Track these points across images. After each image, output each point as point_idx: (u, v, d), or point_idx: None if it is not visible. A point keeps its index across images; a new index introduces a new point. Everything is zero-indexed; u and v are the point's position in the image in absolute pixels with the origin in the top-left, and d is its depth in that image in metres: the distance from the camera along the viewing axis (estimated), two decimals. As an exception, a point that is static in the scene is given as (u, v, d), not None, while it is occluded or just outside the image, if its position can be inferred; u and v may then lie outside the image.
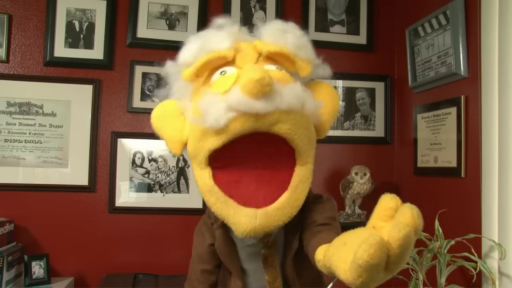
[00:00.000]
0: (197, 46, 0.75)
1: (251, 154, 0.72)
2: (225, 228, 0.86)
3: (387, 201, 0.57)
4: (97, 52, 1.92)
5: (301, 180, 0.74)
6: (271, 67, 0.73)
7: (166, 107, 0.82)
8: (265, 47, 0.73)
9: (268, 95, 0.64)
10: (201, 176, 0.75)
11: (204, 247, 0.92)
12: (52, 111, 1.88)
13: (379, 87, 2.14)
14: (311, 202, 0.85)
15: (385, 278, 0.55)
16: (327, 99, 0.82)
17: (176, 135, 0.79)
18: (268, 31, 0.76)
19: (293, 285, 0.87)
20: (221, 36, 0.74)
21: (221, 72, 0.73)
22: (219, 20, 0.80)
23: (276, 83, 0.66)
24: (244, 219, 0.69)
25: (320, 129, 0.81)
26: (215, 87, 0.72)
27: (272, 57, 0.75)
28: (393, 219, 0.55)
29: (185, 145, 0.79)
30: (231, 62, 0.74)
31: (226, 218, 0.72)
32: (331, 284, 0.64)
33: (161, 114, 0.82)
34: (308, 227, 0.81)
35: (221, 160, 0.73)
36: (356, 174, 1.88)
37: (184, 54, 0.77)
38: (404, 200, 0.60)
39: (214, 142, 0.70)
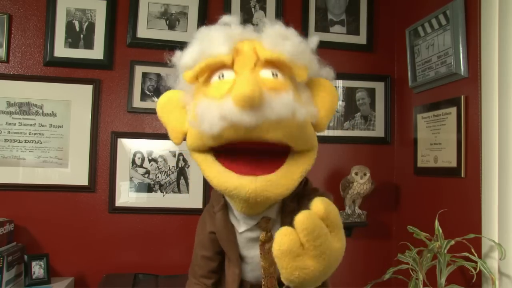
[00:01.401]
0: (198, 50, 0.77)
1: (249, 143, 0.76)
2: (225, 212, 0.91)
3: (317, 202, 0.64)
4: (97, 52, 1.92)
5: (295, 160, 0.78)
6: (267, 73, 0.75)
7: (170, 97, 0.87)
8: (263, 53, 0.75)
9: (258, 108, 0.67)
10: (202, 157, 0.80)
11: (205, 234, 0.95)
12: (52, 111, 1.88)
13: (379, 87, 2.14)
14: (309, 193, 0.89)
15: (317, 267, 0.60)
16: (324, 95, 0.85)
17: (178, 126, 0.84)
18: (268, 36, 0.77)
19: None
20: (221, 40, 0.76)
21: (219, 76, 0.76)
22: (225, 18, 0.83)
23: (267, 94, 0.69)
24: (245, 181, 0.73)
25: (318, 124, 0.83)
26: (212, 91, 0.75)
27: (269, 62, 0.77)
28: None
29: (185, 135, 0.84)
30: (230, 65, 0.76)
31: (227, 185, 0.75)
32: None
33: (166, 104, 0.86)
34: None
35: (221, 146, 0.77)
36: (356, 174, 1.88)
37: (185, 58, 0.80)
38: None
39: (211, 143, 0.76)
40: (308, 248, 0.59)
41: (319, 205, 0.61)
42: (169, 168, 1.95)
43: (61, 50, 1.90)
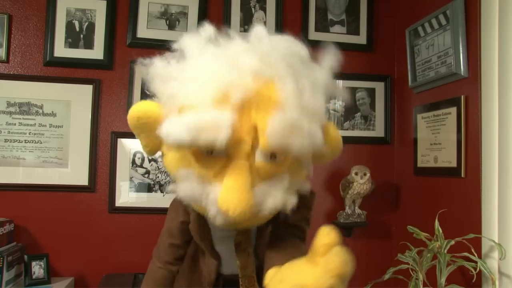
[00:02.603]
0: (189, 128, 0.63)
1: None
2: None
3: (323, 237, 0.62)
4: (97, 52, 1.92)
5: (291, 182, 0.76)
6: (264, 158, 0.68)
7: (146, 112, 0.75)
8: (264, 146, 0.65)
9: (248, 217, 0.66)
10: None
11: (176, 223, 0.94)
12: (52, 111, 1.88)
13: (379, 87, 2.14)
14: (284, 218, 0.88)
15: None
16: (330, 141, 0.79)
17: (152, 145, 0.80)
18: (273, 128, 0.64)
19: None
20: (220, 124, 0.63)
21: (208, 153, 0.67)
22: (231, 44, 0.72)
23: (260, 190, 0.67)
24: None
25: (317, 161, 0.81)
26: (199, 164, 0.69)
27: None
28: (323, 262, 0.61)
29: (159, 149, 0.81)
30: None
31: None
32: None
33: (140, 118, 0.75)
34: (278, 225, 0.86)
35: None
36: (356, 174, 1.88)
37: (174, 131, 0.65)
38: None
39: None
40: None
41: (343, 267, 0.65)
42: (169, 168, 1.95)
43: (61, 50, 1.90)
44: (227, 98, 0.64)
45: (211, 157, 0.67)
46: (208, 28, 0.75)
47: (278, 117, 0.64)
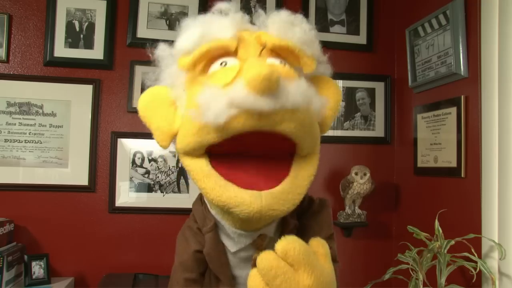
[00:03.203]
0: (198, 33, 0.68)
1: (250, 143, 0.67)
2: (216, 232, 0.81)
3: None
4: (97, 52, 1.92)
5: (301, 168, 0.71)
6: (274, 61, 0.68)
7: (155, 94, 0.74)
8: (270, 40, 0.68)
9: (275, 93, 0.59)
10: (196, 164, 0.69)
11: (189, 254, 0.84)
12: (52, 111, 1.88)
13: (379, 87, 2.14)
14: (306, 211, 0.82)
15: None
16: (329, 94, 0.78)
17: (166, 126, 0.71)
18: (275, 23, 0.69)
19: None
20: (224, 23, 0.69)
21: (222, 63, 0.67)
22: (221, 5, 0.75)
23: (282, 80, 0.60)
24: (249, 198, 0.63)
25: (323, 124, 0.76)
26: (215, 79, 0.65)
27: (276, 51, 0.70)
28: None
29: (174, 137, 0.72)
30: (232, 53, 0.68)
31: (226, 202, 0.65)
32: None
33: (150, 102, 0.74)
34: None
35: (218, 147, 0.67)
36: (356, 174, 1.88)
37: (183, 41, 0.69)
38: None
39: (212, 139, 0.65)
40: (271, 287, 0.58)
41: (278, 244, 0.59)
42: (169, 168, 1.95)
43: (61, 50, 1.90)
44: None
45: (225, 68, 0.67)
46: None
47: (276, 16, 0.70)
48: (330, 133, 2.07)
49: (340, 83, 2.11)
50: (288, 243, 0.58)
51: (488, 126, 1.46)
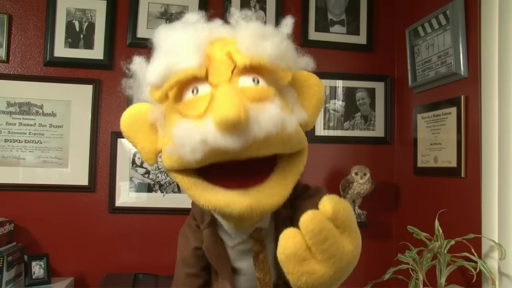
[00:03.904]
0: (163, 65, 0.66)
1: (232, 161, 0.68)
2: (213, 228, 0.84)
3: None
4: (97, 52, 1.92)
5: (288, 163, 0.71)
6: (247, 81, 0.66)
7: (136, 114, 0.76)
8: (241, 59, 0.65)
9: (245, 130, 0.59)
10: (183, 175, 0.71)
11: (189, 250, 0.88)
12: (52, 111, 1.88)
13: (379, 87, 2.14)
14: (300, 195, 0.83)
15: (326, 271, 0.54)
16: (310, 91, 0.77)
17: (149, 147, 0.76)
18: (245, 37, 0.66)
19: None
20: (189, 49, 0.66)
21: (193, 91, 0.67)
22: (188, 17, 0.75)
23: (253, 107, 0.61)
24: (237, 197, 0.64)
25: (306, 124, 0.76)
26: (188, 110, 0.66)
27: (249, 67, 0.68)
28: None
29: (158, 154, 0.77)
30: (203, 78, 0.66)
31: (216, 204, 0.66)
32: None
33: (132, 123, 0.76)
34: None
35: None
36: (356, 174, 1.88)
37: (151, 76, 0.68)
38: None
39: (193, 166, 0.67)
40: (315, 251, 0.53)
41: (327, 204, 0.54)
42: (169, 168, 1.95)
43: (61, 50, 1.90)
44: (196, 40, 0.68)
45: (196, 96, 0.66)
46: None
47: (245, 30, 0.67)
48: (330, 133, 2.07)
49: (340, 83, 2.11)
50: (337, 204, 0.55)
51: (488, 126, 1.46)
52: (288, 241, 0.53)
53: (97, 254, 1.88)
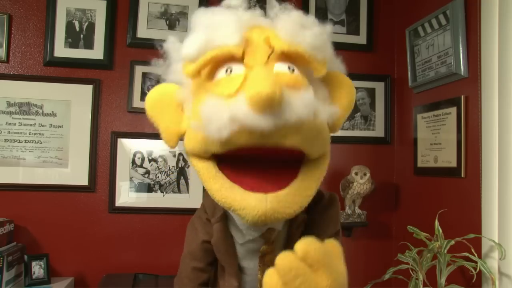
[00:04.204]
0: (202, 39, 0.65)
1: (257, 152, 0.66)
2: (224, 223, 0.83)
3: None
4: (97, 52, 1.92)
5: (310, 170, 0.70)
6: (282, 67, 0.66)
7: (163, 94, 0.75)
8: (279, 45, 0.65)
9: (277, 111, 0.57)
10: (203, 165, 0.69)
11: (197, 243, 0.88)
12: (52, 111, 1.88)
13: (379, 87, 2.14)
14: (314, 201, 0.81)
15: None
16: (342, 92, 0.77)
17: (173, 127, 0.73)
18: (285, 25, 0.66)
19: None
20: (230, 28, 0.65)
21: (227, 70, 0.65)
22: (231, 1, 0.73)
23: (287, 92, 0.59)
24: (254, 202, 0.63)
25: (334, 125, 0.75)
26: (219, 88, 0.64)
27: (284, 55, 0.67)
28: None
29: (181, 136, 0.74)
30: (239, 58, 0.65)
31: (232, 204, 0.65)
32: None
33: (158, 101, 0.74)
34: None
35: (226, 154, 0.67)
36: (356, 174, 1.88)
37: (187, 48, 0.68)
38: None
39: (216, 150, 0.65)
40: None
41: (298, 245, 0.57)
42: (169, 168, 1.95)
43: (61, 50, 1.90)
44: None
45: (230, 76, 0.65)
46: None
47: (286, 17, 0.67)
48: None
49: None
50: (309, 244, 0.57)
51: (488, 126, 1.46)
52: (267, 280, 0.57)
53: (97, 254, 1.88)
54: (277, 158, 0.67)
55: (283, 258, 0.56)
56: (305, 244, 0.57)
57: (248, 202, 0.63)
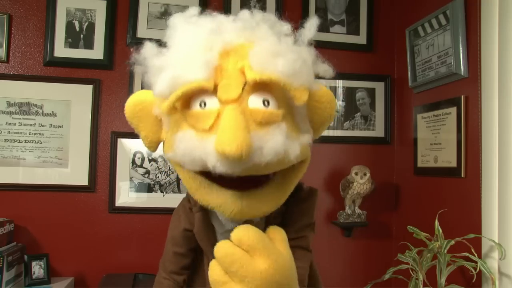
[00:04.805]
0: (171, 77, 0.66)
1: None
2: (205, 212, 0.85)
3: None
4: (97, 52, 1.92)
5: (288, 170, 0.71)
6: (257, 101, 0.65)
7: (142, 102, 0.77)
8: (251, 75, 0.63)
9: (246, 160, 0.59)
10: (181, 168, 0.72)
11: (179, 230, 0.92)
12: (52, 111, 1.88)
13: (379, 87, 2.14)
14: (292, 194, 0.82)
15: None
16: (322, 108, 0.77)
17: (152, 136, 0.79)
18: (256, 54, 0.64)
19: None
20: (198, 62, 0.65)
21: (200, 104, 0.66)
22: (207, 23, 0.72)
23: (257, 135, 0.61)
24: (230, 199, 0.66)
25: (313, 136, 0.77)
26: (194, 120, 0.66)
27: (260, 84, 0.65)
28: None
29: (160, 143, 0.79)
30: (212, 91, 0.65)
31: (209, 202, 0.69)
32: None
33: (137, 110, 0.78)
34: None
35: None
36: (356, 174, 1.88)
37: (159, 86, 0.69)
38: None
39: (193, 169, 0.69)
40: (229, 274, 0.61)
41: (233, 233, 0.62)
42: (169, 168, 1.95)
43: (61, 50, 1.90)
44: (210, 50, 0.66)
45: (203, 110, 0.65)
46: (194, 9, 0.77)
47: (257, 47, 0.65)
48: (330, 133, 2.07)
49: (340, 83, 2.11)
50: (242, 231, 0.62)
51: (488, 126, 1.46)
52: (210, 270, 0.62)
53: (97, 254, 1.88)
54: None
55: (219, 246, 0.61)
56: (239, 231, 0.62)
57: (224, 200, 0.67)
